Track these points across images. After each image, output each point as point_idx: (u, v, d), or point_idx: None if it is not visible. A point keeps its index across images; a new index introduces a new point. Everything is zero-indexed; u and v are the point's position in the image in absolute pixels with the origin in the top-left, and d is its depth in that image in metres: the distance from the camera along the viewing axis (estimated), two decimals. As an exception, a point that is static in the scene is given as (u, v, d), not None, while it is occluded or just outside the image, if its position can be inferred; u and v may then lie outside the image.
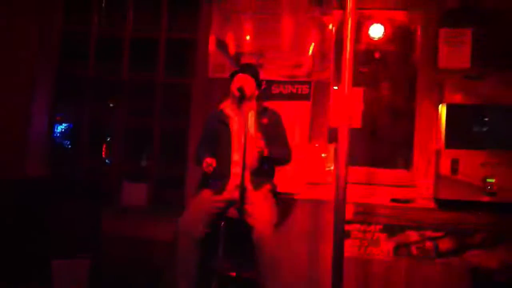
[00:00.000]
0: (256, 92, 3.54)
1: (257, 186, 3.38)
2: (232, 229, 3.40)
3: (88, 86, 4.51)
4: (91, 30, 4.54)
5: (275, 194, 3.53)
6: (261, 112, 3.54)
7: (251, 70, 3.58)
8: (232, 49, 4.19)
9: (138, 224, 4.07)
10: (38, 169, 4.38)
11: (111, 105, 4.64)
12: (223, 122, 3.49)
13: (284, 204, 3.92)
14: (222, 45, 4.20)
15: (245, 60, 4.12)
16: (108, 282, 3.80)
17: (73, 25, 4.59)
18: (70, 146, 4.72)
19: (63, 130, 4.71)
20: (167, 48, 4.44)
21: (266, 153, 3.30)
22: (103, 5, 4.61)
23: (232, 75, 3.53)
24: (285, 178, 3.98)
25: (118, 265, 3.92)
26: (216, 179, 3.40)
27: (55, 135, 4.64)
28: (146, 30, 4.50)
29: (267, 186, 3.45)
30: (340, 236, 2.89)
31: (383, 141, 4.14)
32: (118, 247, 3.98)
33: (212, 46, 4.20)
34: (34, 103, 4.43)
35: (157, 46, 4.44)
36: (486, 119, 3.76)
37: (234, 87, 3.44)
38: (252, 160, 3.35)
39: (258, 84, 3.56)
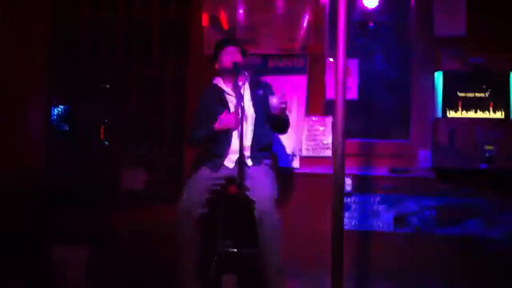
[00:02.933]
0: (244, 63, 3.52)
1: (255, 160, 3.38)
2: (232, 206, 3.41)
3: (82, 74, 4.43)
4: (81, 18, 4.45)
5: (275, 168, 3.53)
6: (255, 84, 3.54)
7: (235, 41, 3.58)
8: (225, 24, 4.14)
9: (138, 209, 4.05)
10: (36, 162, 4.36)
11: (107, 86, 4.57)
12: (218, 98, 3.47)
13: (283, 179, 3.92)
14: (215, 21, 4.16)
15: (239, 35, 4.08)
16: (109, 267, 3.83)
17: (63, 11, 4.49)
18: (68, 133, 4.67)
19: (60, 115, 4.66)
20: (159, 27, 4.36)
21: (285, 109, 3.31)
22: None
23: (216, 49, 3.51)
24: (283, 153, 3.98)
25: (119, 250, 3.93)
26: (215, 156, 3.40)
27: (52, 122, 4.60)
28: (138, 8, 4.41)
29: (267, 161, 3.45)
30: (339, 208, 2.89)
31: (380, 112, 4.12)
32: (118, 232, 3.99)
33: (205, 22, 4.16)
34: (30, 93, 4.39)
35: (150, 26, 4.36)
36: (484, 86, 3.74)
37: (226, 61, 3.42)
38: (250, 135, 3.38)
39: (244, 54, 3.55)
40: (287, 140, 3.96)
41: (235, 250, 3.33)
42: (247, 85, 3.52)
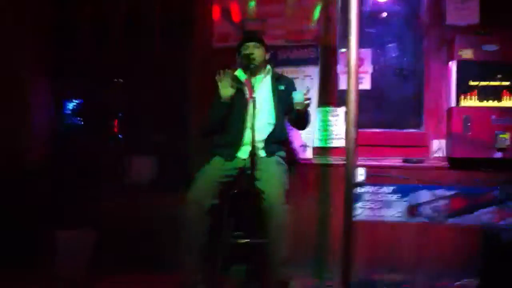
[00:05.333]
0: (266, 57, 3.54)
1: (268, 153, 3.39)
2: (242, 197, 3.42)
3: (88, 66, 4.48)
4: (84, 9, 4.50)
5: (286, 161, 3.54)
6: (277, 78, 3.56)
7: (256, 36, 3.58)
8: (236, 17, 4.14)
9: (146, 198, 4.09)
10: (44, 151, 4.42)
11: (116, 80, 4.62)
12: (237, 88, 3.47)
13: (296, 170, 3.94)
14: (226, 13, 4.16)
15: (249, 27, 4.08)
16: (114, 253, 3.88)
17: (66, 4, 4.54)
18: (78, 124, 4.73)
19: (71, 109, 4.71)
20: (167, 20, 4.38)
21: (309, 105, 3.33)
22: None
23: (239, 45, 3.52)
24: (296, 144, 3.99)
25: (125, 237, 3.99)
26: (228, 147, 3.41)
27: (60, 116, 4.65)
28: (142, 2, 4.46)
29: (279, 153, 3.46)
30: (351, 199, 2.90)
31: (393, 102, 4.11)
32: (124, 220, 4.03)
33: (216, 15, 4.16)
34: (33, 84, 4.44)
35: (156, 19, 4.39)
36: (499, 75, 3.71)
37: (244, 53, 3.44)
38: (267, 128, 3.40)
39: (266, 49, 3.55)
40: (300, 131, 3.96)
41: (244, 240, 3.33)
42: (268, 78, 3.52)
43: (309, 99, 3.29)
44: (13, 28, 4.30)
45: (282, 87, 3.52)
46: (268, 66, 3.56)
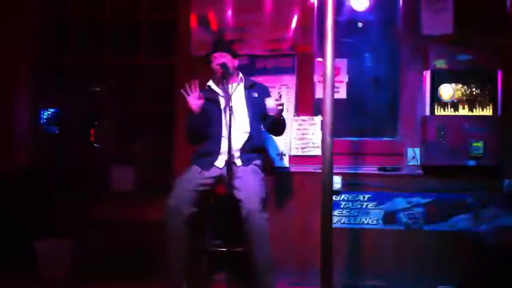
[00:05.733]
0: (236, 65, 3.54)
1: (245, 161, 3.40)
2: (221, 206, 3.42)
3: (71, 72, 4.46)
4: (70, 15, 4.49)
5: (263, 169, 3.55)
6: (250, 86, 3.56)
7: (224, 45, 3.60)
8: (214, 26, 4.15)
9: (127, 207, 4.07)
10: (25, 159, 4.37)
11: (97, 89, 4.61)
12: (211, 99, 3.49)
13: (273, 178, 3.95)
14: (204, 22, 4.17)
15: (227, 36, 4.10)
16: (94, 263, 3.85)
17: (51, 10, 4.51)
18: (57, 133, 4.69)
19: (49, 118, 4.67)
20: (148, 29, 4.40)
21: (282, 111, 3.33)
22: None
23: (208, 55, 3.53)
24: (273, 152, 4.00)
25: (106, 247, 3.96)
26: (205, 155, 3.42)
27: (41, 123, 4.61)
28: (126, 10, 4.45)
29: (256, 162, 3.46)
30: (328, 207, 2.93)
31: (369, 111, 4.14)
32: (106, 230, 4.01)
33: (193, 23, 4.17)
34: (17, 93, 4.41)
35: (138, 28, 4.40)
36: (472, 83, 3.77)
37: (215, 65, 3.45)
38: (243, 136, 3.41)
39: (234, 56, 3.56)
40: (277, 140, 3.98)
41: (224, 249, 3.34)
42: (241, 87, 3.53)
43: (281, 104, 3.30)
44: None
45: (256, 94, 3.53)
46: (240, 74, 3.58)
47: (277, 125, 3.46)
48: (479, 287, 3.69)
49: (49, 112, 4.66)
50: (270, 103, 3.28)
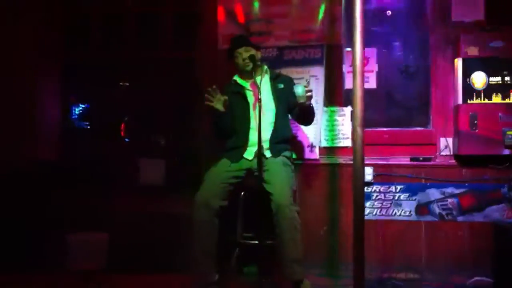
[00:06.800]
0: (259, 57, 3.54)
1: (275, 153, 3.40)
2: (251, 199, 3.43)
3: (98, 68, 4.53)
4: (93, 9, 4.54)
5: (293, 160, 3.54)
6: (275, 77, 3.56)
7: (245, 41, 3.57)
8: (241, 18, 4.14)
9: (157, 201, 4.10)
10: (50, 153, 4.44)
11: (126, 84, 4.66)
12: (237, 93, 3.50)
13: (304, 170, 3.93)
14: (230, 14, 4.16)
15: (254, 28, 4.08)
16: (128, 256, 3.88)
17: (75, 5, 4.58)
18: (87, 128, 4.75)
19: (80, 113, 4.74)
20: (173, 22, 4.43)
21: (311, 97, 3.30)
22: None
23: (232, 51, 3.52)
24: (303, 144, 3.99)
25: (138, 240, 3.98)
26: (234, 148, 3.43)
27: (69, 118, 4.68)
28: (150, 4, 4.51)
29: (285, 153, 3.46)
30: (360, 199, 2.89)
31: (400, 100, 4.10)
32: (137, 223, 4.03)
33: (220, 16, 4.16)
34: (43, 87, 4.48)
35: (162, 21, 4.43)
36: (505, 72, 3.69)
37: (241, 60, 3.46)
38: (270, 127, 3.42)
39: (258, 48, 3.57)
40: (307, 131, 3.96)
41: (255, 242, 3.34)
42: (267, 78, 3.52)
43: (310, 90, 3.27)
44: (23, 27, 4.35)
45: (282, 86, 3.52)
46: (265, 66, 3.57)
47: (307, 113, 3.44)
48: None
49: (80, 108, 4.72)
50: (299, 89, 3.25)
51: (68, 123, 4.67)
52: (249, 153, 3.39)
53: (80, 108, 4.74)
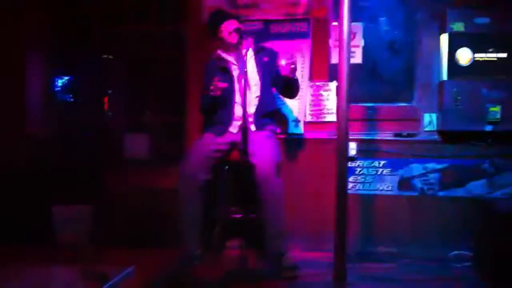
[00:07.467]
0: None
1: (259, 126, 3.40)
2: (235, 173, 3.43)
3: (83, 39, 4.45)
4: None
5: (277, 134, 3.54)
6: (259, 51, 3.54)
7: (228, 14, 3.55)
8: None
9: (141, 174, 4.11)
10: (37, 127, 4.39)
11: (106, 56, 4.59)
12: (222, 67, 3.48)
13: (288, 144, 3.94)
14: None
15: (241, 0, 4.04)
16: (113, 230, 3.90)
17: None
18: (70, 101, 4.70)
19: (61, 86, 4.67)
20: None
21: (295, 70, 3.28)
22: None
23: (215, 26, 3.48)
24: (288, 118, 3.99)
25: (123, 213, 4.01)
26: (219, 122, 3.42)
27: (53, 91, 4.61)
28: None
29: (270, 127, 3.46)
30: (343, 173, 2.92)
31: (385, 76, 4.09)
32: (122, 197, 4.04)
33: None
34: (29, 61, 4.39)
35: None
36: (490, 49, 3.70)
37: (226, 33, 3.41)
38: (255, 101, 3.40)
39: (241, 21, 3.56)
40: (291, 105, 3.95)
41: (239, 215, 3.36)
42: (251, 52, 3.49)
43: (293, 63, 3.24)
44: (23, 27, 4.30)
45: (265, 59, 3.50)
46: (249, 39, 3.54)
47: (290, 86, 3.43)
48: (493, 253, 3.68)
49: (63, 80, 4.66)
50: (282, 62, 3.24)
51: (54, 96, 4.60)
52: (234, 127, 3.39)
53: (66, 80, 4.67)
